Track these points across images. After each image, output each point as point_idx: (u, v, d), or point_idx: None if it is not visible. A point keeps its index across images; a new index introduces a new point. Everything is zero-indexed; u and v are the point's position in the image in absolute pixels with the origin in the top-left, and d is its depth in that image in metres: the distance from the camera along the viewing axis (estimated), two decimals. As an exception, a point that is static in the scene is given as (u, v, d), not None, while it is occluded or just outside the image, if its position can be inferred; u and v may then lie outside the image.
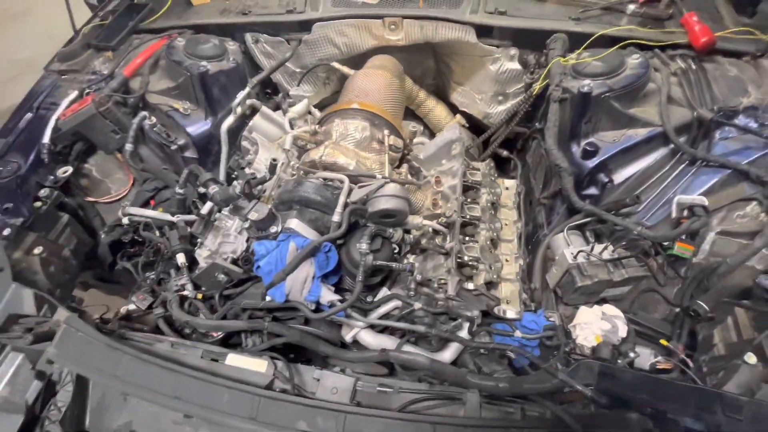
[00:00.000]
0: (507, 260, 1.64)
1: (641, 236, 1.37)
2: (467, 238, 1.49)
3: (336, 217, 1.24)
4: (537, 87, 1.63)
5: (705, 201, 1.36)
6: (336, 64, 1.87)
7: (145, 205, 1.80)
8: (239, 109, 1.81)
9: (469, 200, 1.61)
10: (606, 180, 1.52)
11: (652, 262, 1.42)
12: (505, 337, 1.49)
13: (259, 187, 1.43)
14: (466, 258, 1.43)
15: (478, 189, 1.68)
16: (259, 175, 1.45)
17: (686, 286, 1.40)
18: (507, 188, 1.89)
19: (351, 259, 1.25)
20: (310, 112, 1.80)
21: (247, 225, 1.32)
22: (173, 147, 1.78)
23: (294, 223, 1.25)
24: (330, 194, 1.28)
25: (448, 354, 1.51)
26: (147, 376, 1.04)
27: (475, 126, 2.16)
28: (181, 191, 1.59)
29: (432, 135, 2.25)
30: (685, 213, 1.37)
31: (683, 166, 1.44)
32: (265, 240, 1.32)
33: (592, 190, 1.57)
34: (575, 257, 1.42)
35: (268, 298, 1.29)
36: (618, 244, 1.44)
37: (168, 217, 1.61)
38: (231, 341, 1.47)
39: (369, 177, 1.31)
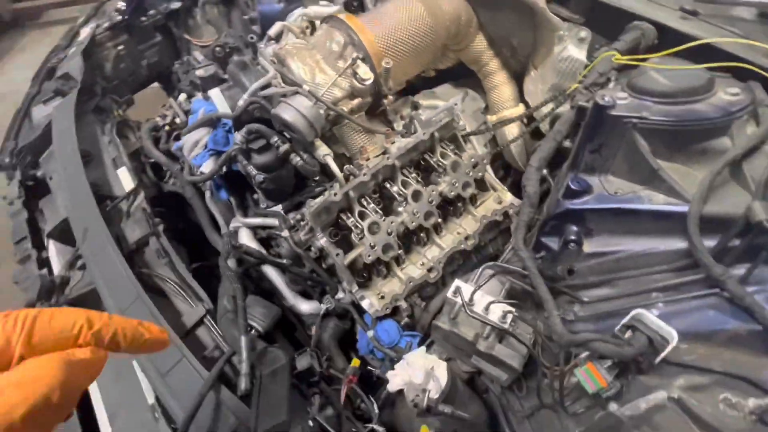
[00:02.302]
0: (422, 264, 1.35)
1: (549, 324, 0.94)
2: (372, 206, 1.28)
3: (240, 101, 1.23)
4: (573, 86, 1.17)
5: (674, 338, 0.81)
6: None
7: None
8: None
9: (416, 178, 1.35)
10: (573, 238, 1.06)
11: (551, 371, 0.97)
12: (362, 330, 1.31)
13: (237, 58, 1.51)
14: (349, 222, 1.24)
15: (440, 174, 1.38)
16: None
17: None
18: (500, 203, 1.50)
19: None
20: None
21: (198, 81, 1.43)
22: (244, 16, 1.99)
23: (213, 92, 1.30)
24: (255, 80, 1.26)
25: (305, 306, 1.42)
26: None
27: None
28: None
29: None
30: (629, 334, 0.86)
31: (692, 278, 0.87)
32: (205, 100, 1.42)
33: (551, 241, 1.11)
34: (455, 293, 1.08)
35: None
36: (521, 319, 1.02)
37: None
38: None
39: (296, 84, 1.23)
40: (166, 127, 1.66)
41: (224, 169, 1.34)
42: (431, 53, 1.55)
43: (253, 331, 0.99)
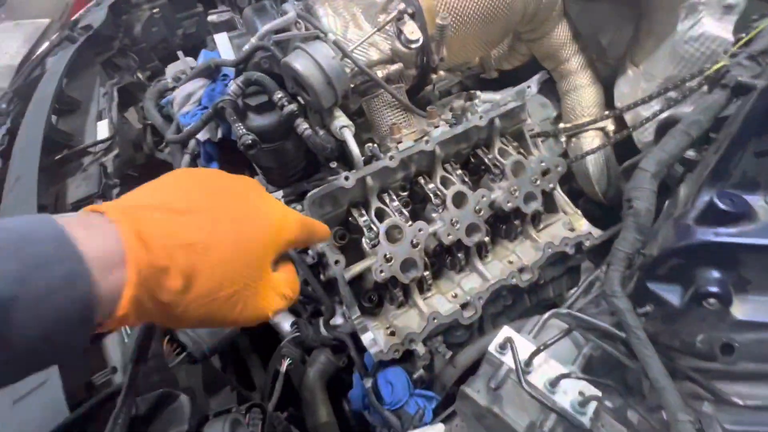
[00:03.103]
0: (455, 296, 0.97)
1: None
2: (397, 205, 0.93)
3: (247, 45, 0.95)
4: (721, 62, 0.77)
5: None
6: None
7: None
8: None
9: (462, 177, 0.99)
10: (713, 291, 0.64)
11: None
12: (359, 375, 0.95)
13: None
14: (361, 221, 0.90)
15: (496, 177, 1.01)
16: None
17: None
18: (572, 230, 1.09)
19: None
20: None
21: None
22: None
23: (219, 36, 1.04)
24: (271, 26, 0.98)
25: (287, 324, 1.08)
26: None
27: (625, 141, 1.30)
28: None
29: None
30: None
31: None
32: (212, 51, 1.17)
33: (667, 291, 0.70)
34: (502, 348, 0.68)
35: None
36: (611, 412, 0.61)
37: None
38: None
39: (320, 30, 0.94)
40: (176, 90, 1.43)
41: (219, 134, 1.06)
42: (500, 32, 1.22)
43: (181, 355, 0.65)
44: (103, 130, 1.10)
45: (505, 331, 0.71)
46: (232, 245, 0.43)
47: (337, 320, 1.06)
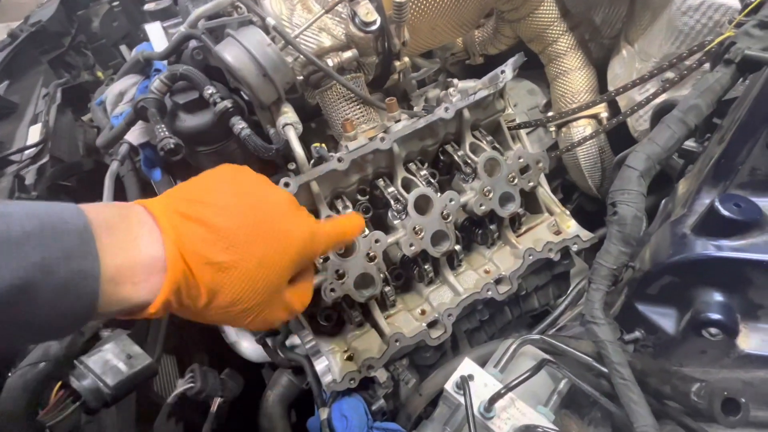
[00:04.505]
0: (422, 312, 0.86)
1: None
2: (345, 207, 0.82)
3: (177, 34, 0.84)
4: (725, 33, 0.64)
5: None
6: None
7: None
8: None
9: (427, 177, 0.87)
10: (715, 319, 0.52)
11: None
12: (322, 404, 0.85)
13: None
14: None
15: (467, 177, 0.89)
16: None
17: None
18: (557, 233, 0.97)
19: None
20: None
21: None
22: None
23: (151, 29, 0.92)
24: (206, 12, 0.86)
25: (247, 345, 0.99)
26: None
27: (619, 128, 1.16)
28: None
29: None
30: None
31: None
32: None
33: (659, 315, 0.58)
34: (459, 387, 0.57)
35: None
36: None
37: None
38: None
39: (258, 16, 0.82)
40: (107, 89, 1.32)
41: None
42: (476, 11, 1.09)
43: (74, 405, 0.55)
44: (34, 135, 0.99)
45: (465, 366, 0.60)
46: (257, 266, 0.47)
47: (295, 340, 0.96)
